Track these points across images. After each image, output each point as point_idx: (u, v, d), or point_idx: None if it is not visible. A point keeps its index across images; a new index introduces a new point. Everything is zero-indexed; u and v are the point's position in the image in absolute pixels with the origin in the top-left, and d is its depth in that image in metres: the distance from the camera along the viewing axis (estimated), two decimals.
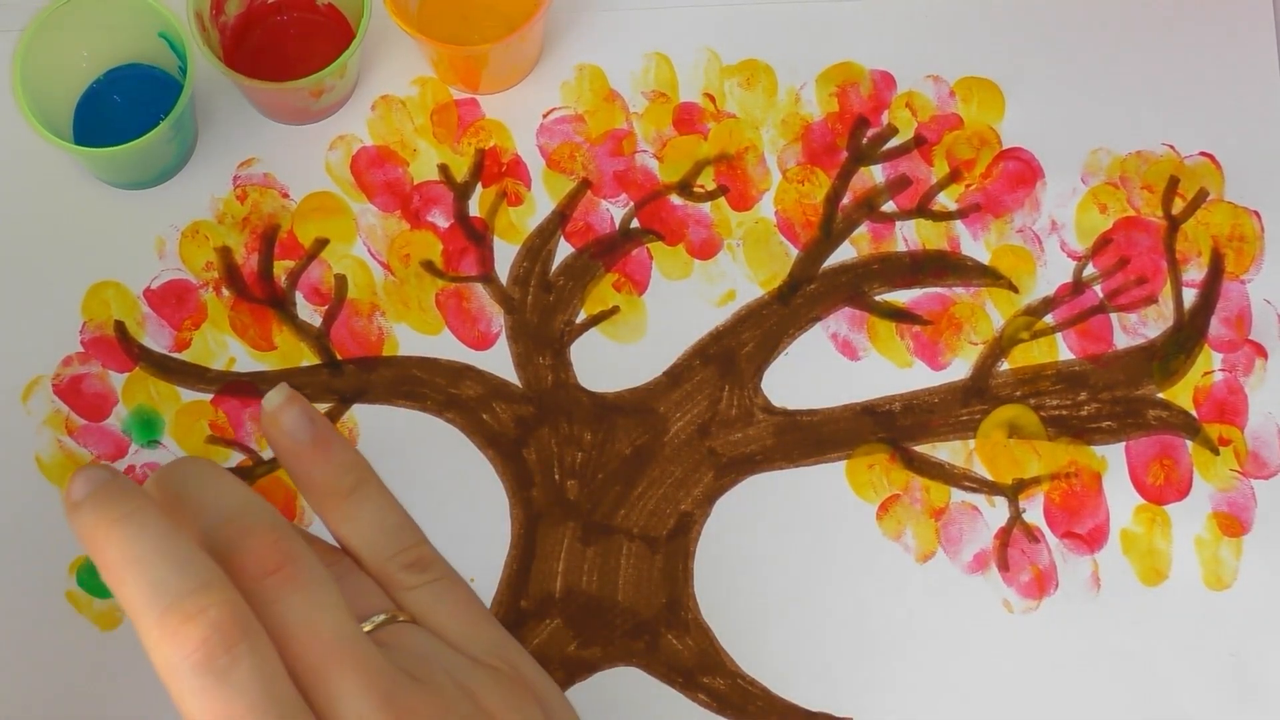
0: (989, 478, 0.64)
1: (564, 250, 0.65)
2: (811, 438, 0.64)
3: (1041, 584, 0.63)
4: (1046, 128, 0.67)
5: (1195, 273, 0.66)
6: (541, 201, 0.66)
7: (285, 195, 0.66)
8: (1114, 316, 0.65)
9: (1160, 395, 0.64)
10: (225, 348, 0.64)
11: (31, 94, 0.60)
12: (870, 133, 0.67)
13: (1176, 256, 0.66)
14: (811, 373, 0.65)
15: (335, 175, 0.66)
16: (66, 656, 0.61)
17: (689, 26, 0.68)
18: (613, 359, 0.64)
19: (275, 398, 0.43)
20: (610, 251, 0.65)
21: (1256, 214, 0.66)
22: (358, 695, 0.37)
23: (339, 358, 0.64)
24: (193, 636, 0.35)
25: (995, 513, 0.63)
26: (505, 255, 0.65)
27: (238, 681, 0.35)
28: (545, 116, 0.67)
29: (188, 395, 0.64)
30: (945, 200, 0.66)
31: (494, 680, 0.41)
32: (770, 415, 0.64)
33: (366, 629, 0.40)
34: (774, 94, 0.67)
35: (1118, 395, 0.64)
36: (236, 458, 0.63)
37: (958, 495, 0.63)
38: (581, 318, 0.65)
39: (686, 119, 0.67)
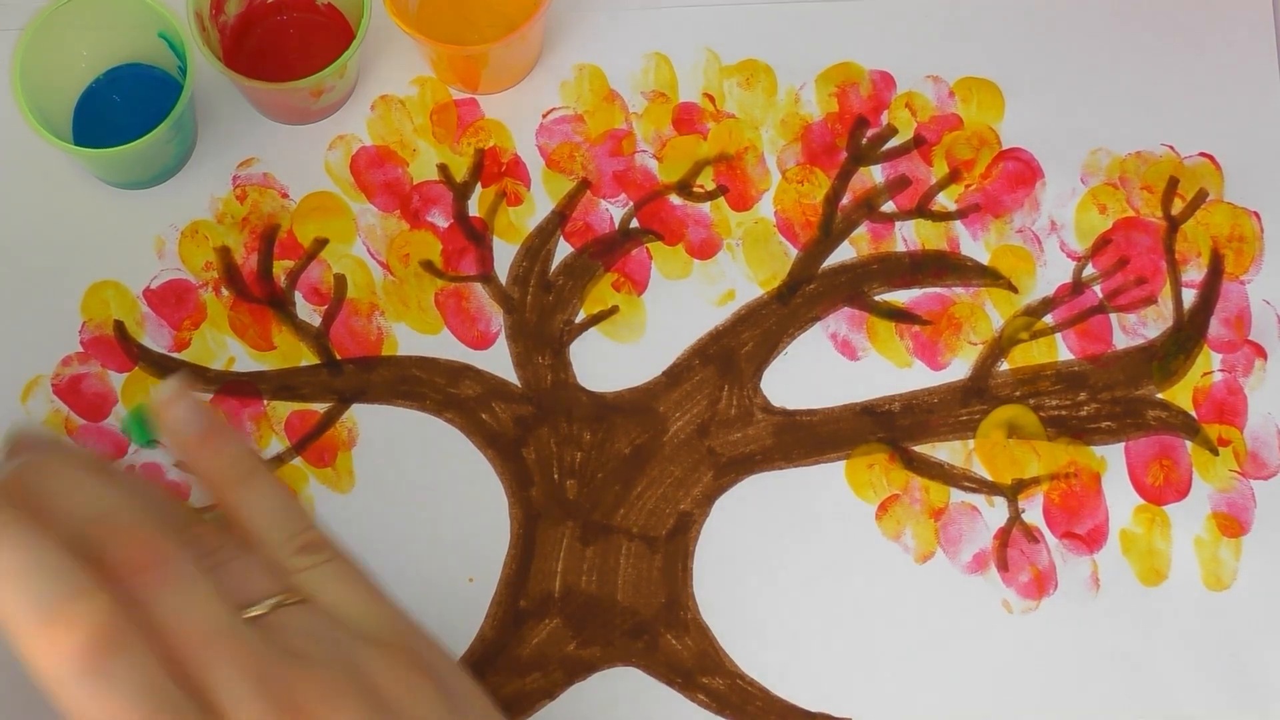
0: (988, 478, 0.64)
1: (563, 250, 0.65)
2: (811, 438, 0.64)
3: (1041, 584, 0.63)
4: (1046, 128, 0.67)
5: (1195, 273, 0.66)
6: (541, 201, 0.66)
7: (285, 195, 0.66)
8: (1113, 317, 0.65)
9: (1160, 396, 0.64)
10: (225, 347, 0.64)
11: (31, 94, 0.60)
12: (870, 133, 0.67)
13: (1176, 257, 0.66)
14: (811, 373, 0.65)
15: (335, 175, 0.66)
16: None
17: (689, 26, 0.68)
18: (612, 359, 0.64)
19: (165, 389, 0.44)
20: (610, 251, 0.65)
21: (1256, 214, 0.66)
22: (234, 680, 0.37)
23: (338, 357, 0.64)
24: (72, 640, 0.35)
25: (995, 513, 0.63)
26: (505, 255, 0.65)
27: (119, 681, 0.36)
28: (545, 116, 0.67)
29: None
30: (945, 200, 0.66)
31: (383, 656, 0.41)
32: (769, 415, 0.64)
33: (256, 612, 0.40)
34: (773, 94, 0.67)
35: (1117, 395, 0.64)
36: None
37: (957, 495, 0.63)
38: (581, 317, 0.65)
39: (686, 119, 0.67)
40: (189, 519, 0.43)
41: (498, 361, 0.64)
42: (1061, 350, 0.65)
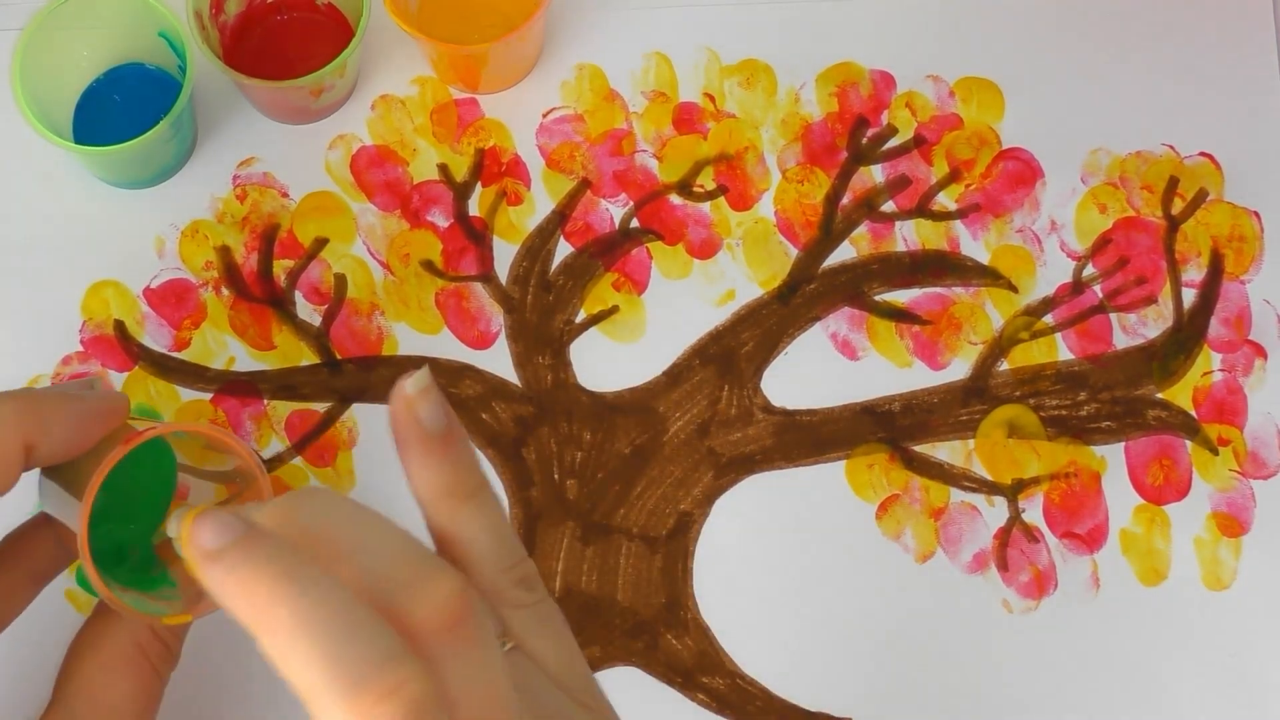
0: (988, 478, 0.64)
1: (564, 250, 0.65)
2: (811, 437, 0.64)
3: (1041, 584, 0.63)
4: (1046, 128, 0.67)
5: (1195, 273, 0.66)
6: (541, 201, 0.66)
7: (285, 195, 0.66)
8: (1113, 316, 0.65)
9: (1160, 395, 0.64)
10: (225, 347, 0.64)
11: (31, 93, 0.60)
12: (870, 133, 0.67)
13: (1176, 257, 0.66)
14: (811, 372, 0.65)
15: (335, 175, 0.66)
16: None
17: (689, 26, 0.68)
18: (612, 358, 0.64)
19: (417, 382, 0.39)
20: (610, 251, 0.65)
21: (1256, 214, 0.66)
22: None
23: (338, 357, 0.64)
24: (388, 716, 0.31)
25: (995, 513, 0.63)
26: (505, 255, 0.65)
27: None
28: (545, 116, 0.67)
29: (187, 394, 0.64)
30: (945, 200, 0.66)
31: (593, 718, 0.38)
32: (770, 415, 0.64)
33: None
34: (774, 94, 0.67)
35: (1117, 395, 0.64)
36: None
37: (957, 495, 0.63)
38: (581, 317, 0.65)
39: (686, 119, 0.67)
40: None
41: (498, 361, 0.64)
42: (1061, 350, 0.65)
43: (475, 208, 0.66)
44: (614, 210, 0.66)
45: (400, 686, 0.31)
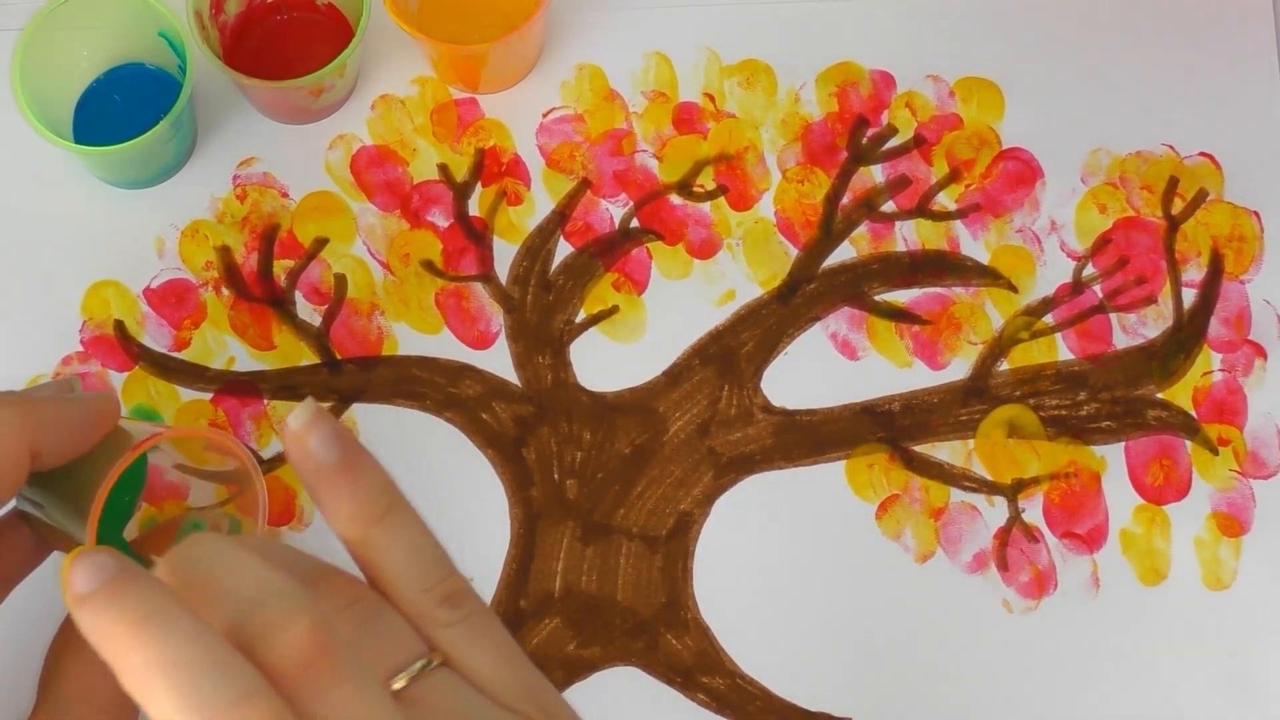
0: (988, 478, 0.64)
1: (564, 250, 0.65)
2: (811, 437, 0.64)
3: (1041, 584, 0.63)
4: (1046, 128, 0.67)
5: (1195, 273, 0.66)
6: (541, 201, 0.66)
7: (285, 194, 0.66)
8: (1113, 316, 0.65)
9: (1159, 395, 0.64)
10: (225, 347, 0.64)
11: (31, 93, 0.60)
12: (870, 133, 0.67)
13: (1176, 257, 0.66)
14: (811, 372, 0.65)
15: (335, 175, 0.66)
16: None
17: (689, 26, 0.68)
18: (612, 358, 0.64)
19: (301, 416, 0.38)
20: (610, 251, 0.65)
21: (1256, 214, 0.66)
22: None
23: (338, 357, 0.64)
24: None
25: (994, 513, 0.63)
26: (505, 255, 0.65)
27: None
28: (545, 116, 0.67)
29: (187, 394, 0.64)
30: (945, 200, 0.66)
31: None
32: (770, 415, 0.64)
33: (400, 684, 0.37)
34: (774, 94, 0.67)
35: (1117, 395, 0.64)
36: None
37: (957, 495, 0.63)
38: (581, 317, 0.65)
39: (686, 119, 0.67)
40: (324, 571, 0.39)
41: (498, 361, 0.64)
42: (1061, 350, 0.65)
43: (475, 208, 0.66)
44: (614, 210, 0.66)
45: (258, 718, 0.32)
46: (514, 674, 0.39)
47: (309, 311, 0.65)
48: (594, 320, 0.65)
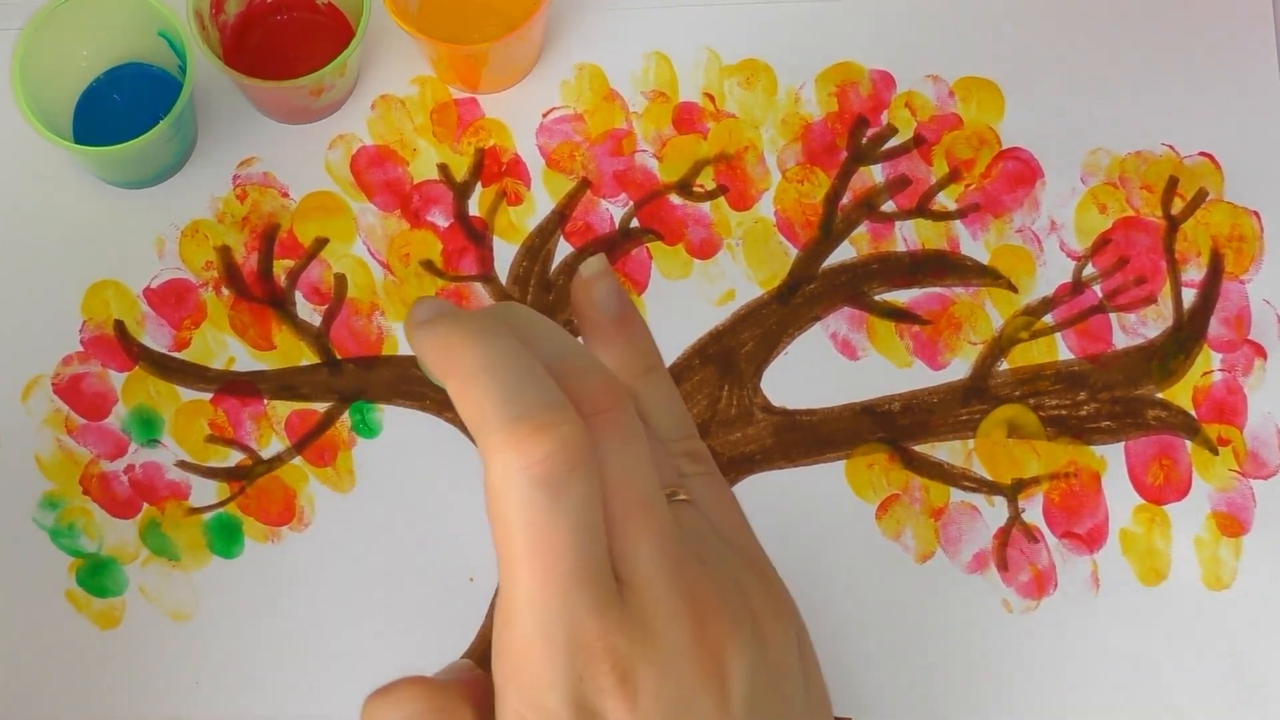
0: (988, 478, 0.64)
1: (564, 250, 0.65)
2: (811, 437, 0.64)
3: (1041, 584, 0.63)
4: (1046, 128, 0.67)
5: (1194, 273, 0.66)
6: (541, 201, 0.66)
7: (285, 194, 0.66)
8: (1113, 316, 0.65)
9: (1159, 395, 0.64)
10: (225, 347, 0.64)
11: (31, 93, 0.60)
12: (870, 132, 0.67)
13: (1176, 256, 0.66)
14: (811, 372, 0.65)
15: (335, 174, 0.66)
16: (66, 656, 0.61)
17: (689, 26, 0.68)
18: None
19: (593, 265, 0.42)
20: (610, 251, 0.65)
21: (1256, 214, 0.66)
22: (655, 555, 0.36)
23: (338, 357, 0.64)
24: (540, 448, 0.34)
25: (994, 512, 0.63)
26: (505, 255, 0.65)
27: (568, 503, 0.34)
28: (545, 116, 0.67)
29: (187, 394, 0.64)
30: (945, 200, 0.66)
31: (760, 584, 0.40)
32: (770, 415, 0.64)
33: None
34: (774, 94, 0.67)
35: (1117, 395, 0.64)
36: (236, 456, 0.63)
37: (957, 495, 0.63)
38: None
39: (686, 119, 0.67)
40: None
41: None
42: (1061, 350, 0.65)
43: (475, 208, 0.66)
44: (614, 210, 0.66)
45: (556, 425, 0.34)
46: (743, 534, 0.42)
47: (309, 311, 0.65)
48: None
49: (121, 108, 0.65)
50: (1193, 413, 0.64)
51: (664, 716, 0.36)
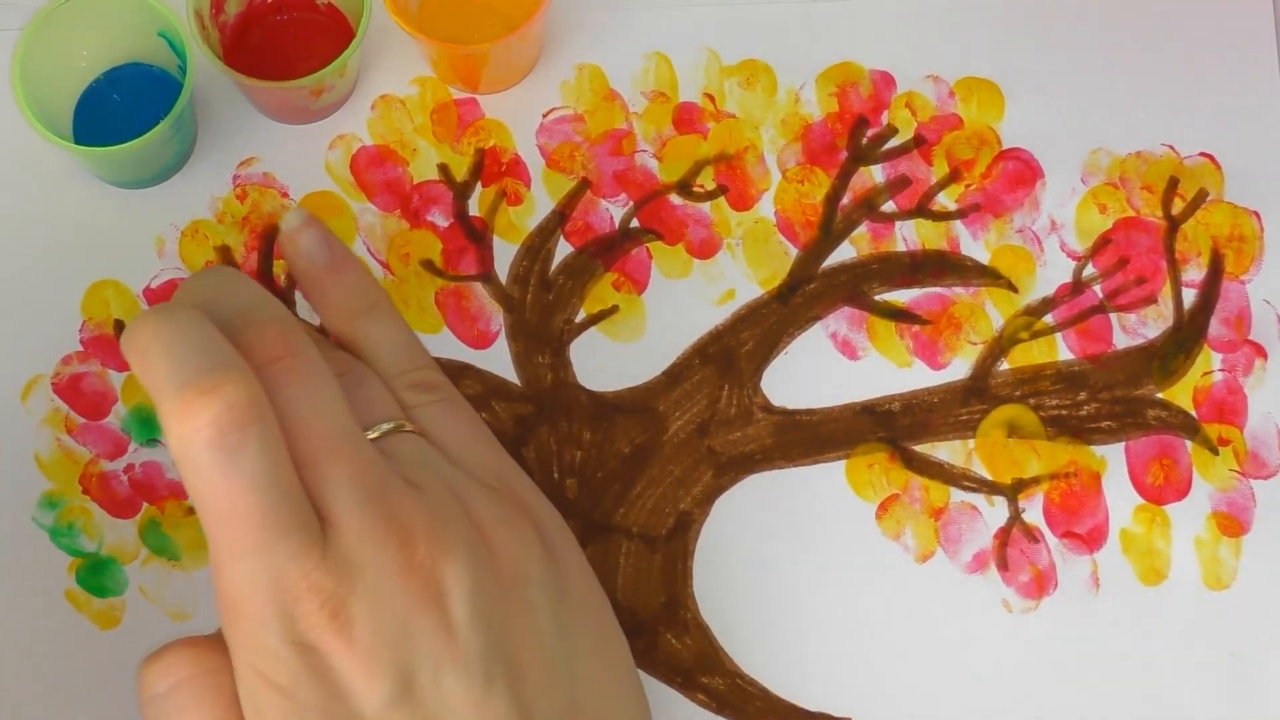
0: (988, 477, 0.64)
1: (563, 249, 0.65)
2: (811, 437, 0.64)
3: (1041, 584, 0.63)
4: (1046, 128, 0.67)
5: (1195, 273, 0.66)
6: (541, 201, 0.66)
7: (285, 194, 0.66)
8: (1113, 316, 0.65)
9: (1160, 395, 0.64)
10: None
11: (31, 93, 0.60)
12: (870, 133, 0.67)
13: (1176, 257, 0.66)
14: (811, 372, 0.65)
15: (335, 175, 0.66)
16: (66, 656, 0.61)
17: (689, 26, 0.68)
18: (612, 358, 0.64)
19: (293, 219, 0.44)
20: (610, 251, 0.65)
21: (1256, 214, 0.66)
22: (349, 488, 0.37)
23: None
24: (207, 411, 0.35)
25: (994, 512, 0.63)
26: (505, 254, 0.65)
27: (245, 461, 0.35)
28: (545, 116, 0.67)
29: None
30: (945, 200, 0.66)
31: (488, 496, 0.41)
32: (769, 414, 0.64)
33: (372, 435, 0.40)
34: (774, 94, 0.67)
35: (1117, 395, 0.64)
36: None
37: (957, 495, 0.63)
38: (581, 317, 0.65)
39: (686, 119, 0.67)
40: (321, 342, 0.43)
41: (498, 361, 0.64)
42: (1061, 350, 0.65)
43: (475, 208, 0.66)
44: (614, 210, 0.66)
45: (219, 387, 0.35)
46: (478, 450, 0.43)
47: (309, 311, 0.64)
48: (594, 320, 0.65)
49: (121, 108, 0.65)
50: (1193, 413, 0.64)
51: (383, 644, 0.37)
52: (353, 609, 0.36)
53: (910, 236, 0.66)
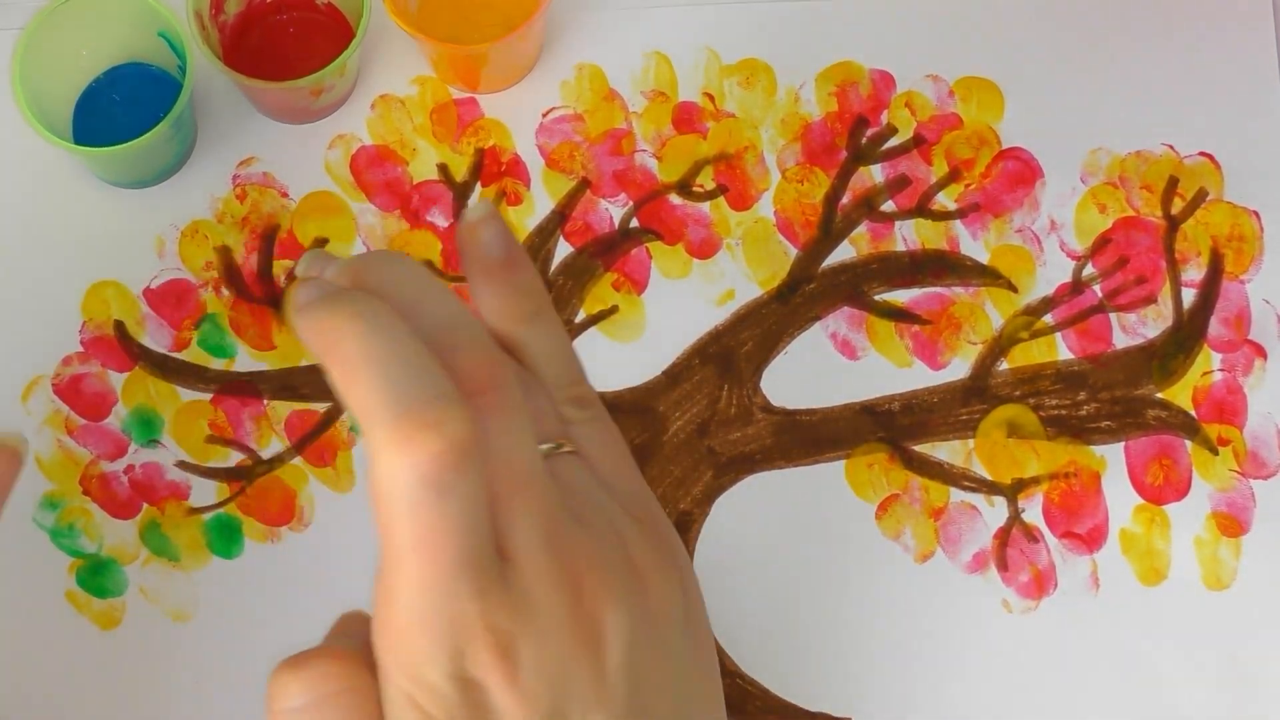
0: (988, 477, 0.64)
1: (563, 250, 0.65)
2: (810, 437, 0.64)
3: (1040, 584, 0.63)
4: (1046, 128, 0.67)
5: (1194, 273, 0.66)
6: (541, 201, 0.66)
7: (285, 194, 0.66)
8: (1113, 316, 0.65)
9: (1159, 395, 0.64)
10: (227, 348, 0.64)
11: (31, 93, 0.60)
12: (869, 132, 0.67)
13: (1176, 256, 0.66)
14: (810, 372, 0.65)
15: (335, 174, 0.66)
16: (66, 656, 0.61)
17: (689, 26, 0.68)
18: (612, 358, 0.64)
19: (478, 210, 0.41)
20: (609, 251, 0.65)
21: (1256, 214, 0.66)
22: (534, 526, 0.36)
23: None
24: (427, 447, 0.33)
25: (994, 512, 0.63)
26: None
27: (454, 502, 0.34)
28: (545, 116, 0.67)
29: (187, 395, 0.64)
30: (944, 200, 0.66)
31: (642, 536, 0.40)
32: (769, 414, 0.64)
33: (543, 449, 0.39)
34: (773, 93, 0.67)
35: (1117, 395, 0.64)
36: (236, 457, 0.63)
37: (957, 495, 0.63)
38: (581, 317, 0.65)
39: (686, 118, 0.67)
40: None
41: None
42: (1061, 350, 0.65)
43: None
44: (614, 210, 0.66)
45: (444, 423, 0.33)
46: (628, 478, 0.42)
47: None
48: (594, 320, 0.65)
49: (121, 108, 0.65)
50: (1193, 413, 0.64)
51: (543, 685, 0.36)
52: (521, 649, 0.36)
53: (910, 236, 0.66)
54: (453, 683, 0.35)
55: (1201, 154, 0.67)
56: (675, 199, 0.66)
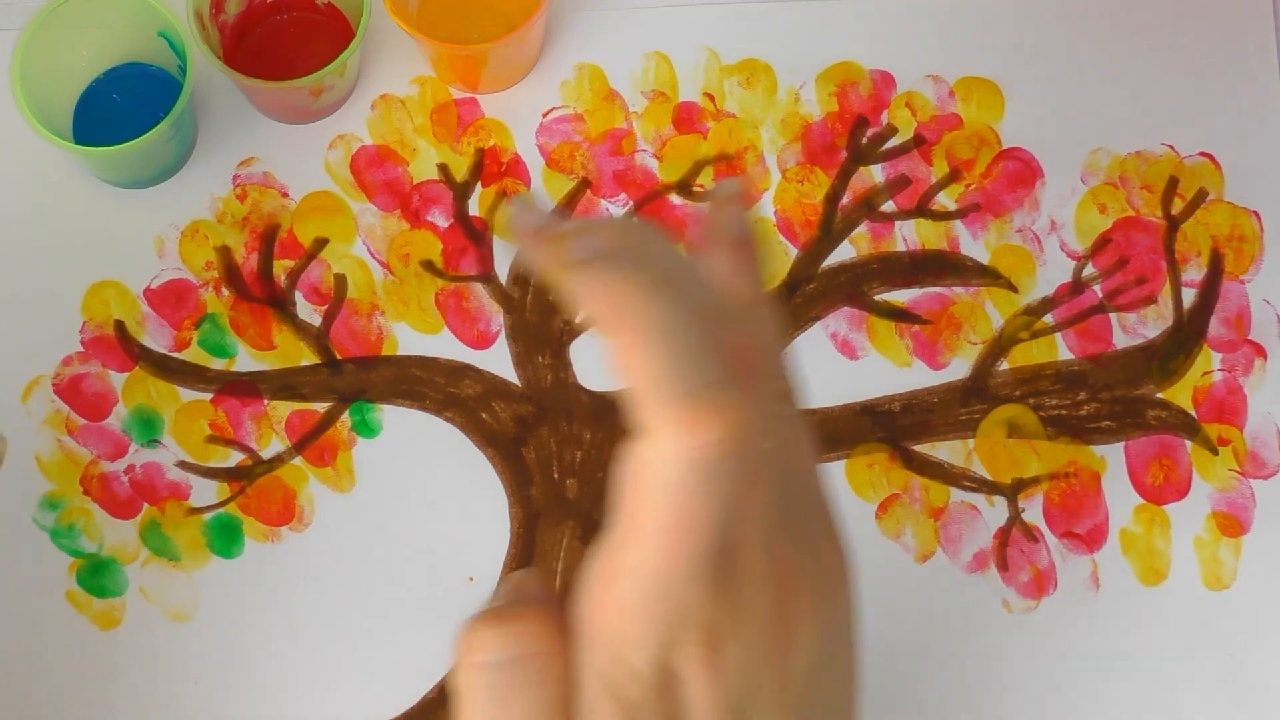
0: (988, 477, 0.64)
1: None
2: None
3: (1040, 584, 0.63)
4: (1046, 128, 0.67)
5: (1194, 273, 0.66)
6: (541, 201, 0.66)
7: (285, 195, 0.66)
8: (1113, 316, 0.65)
9: (1159, 395, 0.64)
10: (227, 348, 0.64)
11: (31, 93, 0.60)
12: (870, 132, 0.67)
13: (1176, 256, 0.66)
14: (811, 372, 0.64)
15: (335, 175, 0.66)
16: (66, 656, 0.61)
17: (689, 26, 0.68)
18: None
19: (732, 185, 0.41)
20: None
21: (1256, 214, 0.66)
22: (757, 530, 0.35)
23: (338, 357, 0.64)
24: (708, 432, 0.32)
25: (994, 512, 0.63)
26: (505, 254, 0.65)
27: (716, 494, 0.33)
28: (545, 116, 0.67)
29: (187, 395, 0.64)
30: (944, 200, 0.66)
31: (829, 539, 0.40)
32: None
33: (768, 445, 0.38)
34: (773, 94, 0.67)
35: (1117, 395, 0.64)
36: (236, 457, 0.63)
37: (957, 495, 0.63)
38: (581, 317, 0.65)
39: (686, 118, 0.67)
40: None
41: (498, 361, 0.64)
42: (1061, 350, 0.65)
43: (475, 208, 0.66)
44: (614, 210, 0.66)
45: (726, 411, 0.32)
46: (816, 480, 0.41)
47: (309, 312, 0.65)
48: None
49: (121, 108, 0.65)
50: (1193, 413, 0.64)
51: (739, 684, 0.36)
52: (728, 647, 0.35)
53: (910, 236, 0.66)
54: (655, 670, 0.34)
55: (1201, 154, 0.67)
56: (675, 199, 0.66)
